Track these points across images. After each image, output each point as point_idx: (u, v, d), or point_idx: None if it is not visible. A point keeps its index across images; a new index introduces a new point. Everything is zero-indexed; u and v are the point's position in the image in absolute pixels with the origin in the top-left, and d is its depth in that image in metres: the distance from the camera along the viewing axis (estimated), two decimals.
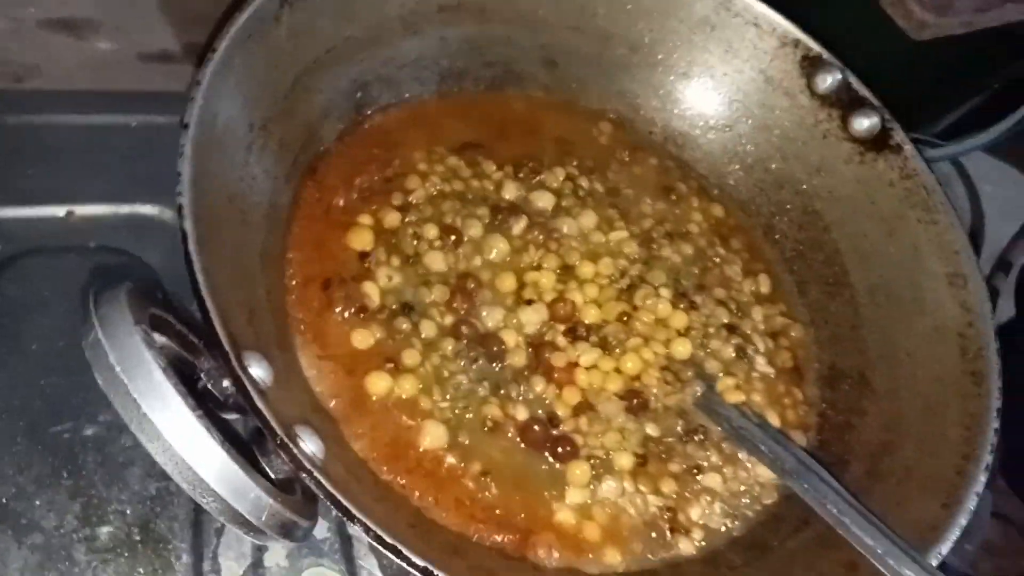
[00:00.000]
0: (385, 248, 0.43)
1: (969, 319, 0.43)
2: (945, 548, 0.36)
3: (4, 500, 0.39)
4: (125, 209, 0.48)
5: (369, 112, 0.47)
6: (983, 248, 0.71)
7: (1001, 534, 0.56)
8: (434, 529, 0.36)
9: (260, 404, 0.28)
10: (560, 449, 0.40)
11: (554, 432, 0.40)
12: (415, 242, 0.44)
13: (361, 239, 0.43)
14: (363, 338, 0.40)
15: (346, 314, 0.40)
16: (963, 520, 0.37)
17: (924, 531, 0.37)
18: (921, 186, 0.46)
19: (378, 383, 0.39)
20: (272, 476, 0.28)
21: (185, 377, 0.26)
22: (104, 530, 0.40)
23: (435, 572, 0.28)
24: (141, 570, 0.39)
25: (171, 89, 0.57)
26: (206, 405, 0.26)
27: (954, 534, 0.36)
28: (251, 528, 0.26)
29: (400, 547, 0.28)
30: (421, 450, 0.38)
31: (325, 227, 0.43)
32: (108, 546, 0.39)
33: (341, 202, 0.44)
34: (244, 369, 0.29)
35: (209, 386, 0.28)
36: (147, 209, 0.48)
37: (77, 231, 0.47)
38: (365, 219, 0.44)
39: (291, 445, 0.28)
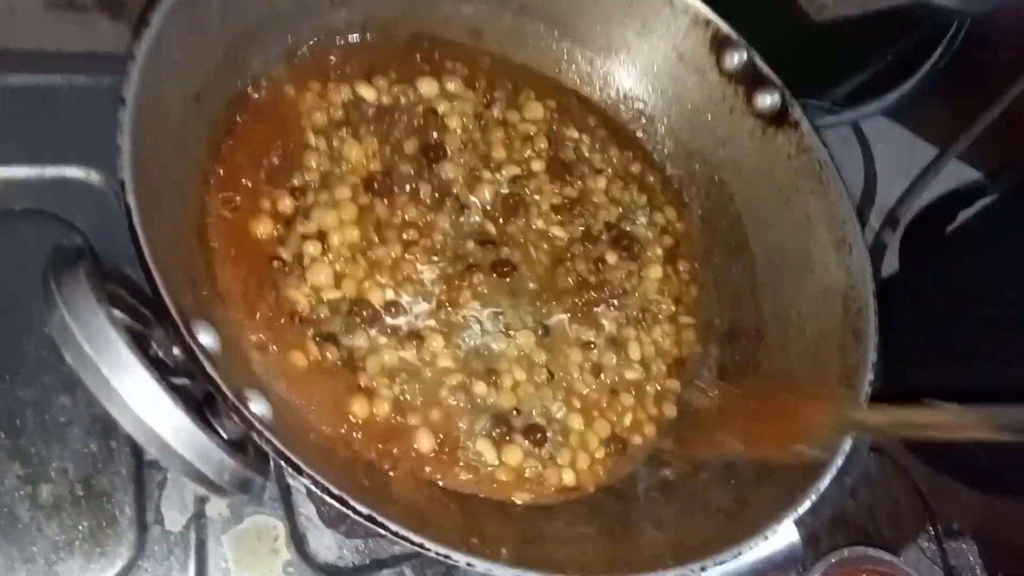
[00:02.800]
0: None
1: (852, 282, 0.47)
2: (824, 484, 0.40)
3: None
4: (51, 172, 0.48)
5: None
6: (875, 205, 0.77)
7: (878, 465, 0.63)
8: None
9: (211, 371, 0.30)
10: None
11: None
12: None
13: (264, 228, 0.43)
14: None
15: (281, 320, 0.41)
16: (840, 460, 0.41)
17: (807, 469, 0.41)
18: (815, 160, 0.50)
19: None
20: (225, 436, 0.30)
21: (141, 348, 0.28)
22: (46, 487, 0.41)
23: (377, 518, 0.31)
24: (85, 523, 0.41)
25: (90, 49, 0.57)
26: (161, 373, 0.28)
27: (832, 472, 0.41)
28: (213, 487, 0.28)
29: (345, 497, 0.31)
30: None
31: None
32: (51, 503, 0.41)
33: (249, 184, 0.44)
34: (194, 337, 0.31)
35: (160, 354, 0.30)
36: (74, 172, 0.48)
37: (1, 194, 0.47)
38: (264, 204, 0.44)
39: (242, 407, 0.30)
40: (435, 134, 0.49)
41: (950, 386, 0.60)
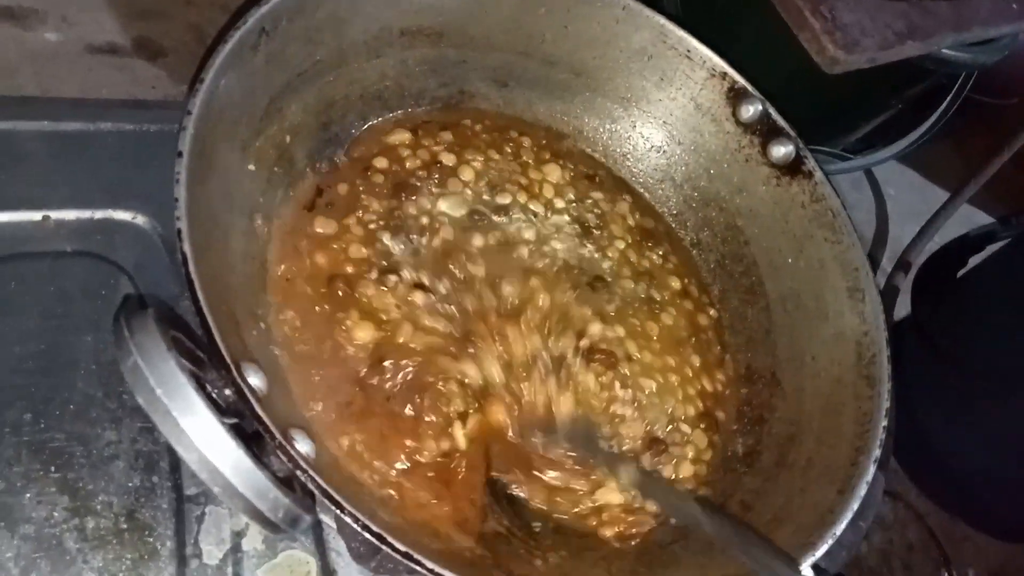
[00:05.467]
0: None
1: (865, 329, 0.49)
2: (839, 529, 0.42)
3: None
4: (99, 214, 0.50)
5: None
6: (887, 247, 0.78)
7: (891, 509, 0.64)
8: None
9: (260, 411, 0.32)
10: None
11: None
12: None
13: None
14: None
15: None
16: (855, 504, 0.42)
17: (823, 514, 0.42)
18: (828, 209, 0.52)
19: None
20: (277, 475, 0.32)
21: (202, 389, 0.30)
22: (92, 520, 0.43)
23: (415, 556, 0.33)
24: (128, 556, 0.42)
25: (129, 92, 0.60)
26: (219, 413, 0.30)
27: (847, 517, 0.42)
28: (268, 523, 0.30)
29: (385, 535, 0.32)
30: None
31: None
32: (97, 535, 0.43)
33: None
34: (244, 380, 0.33)
35: (214, 395, 0.32)
36: (121, 214, 0.51)
37: (53, 236, 0.49)
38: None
39: (288, 447, 0.32)
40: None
41: (959, 429, 0.61)
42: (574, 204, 0.55)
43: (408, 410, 0.43)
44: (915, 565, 0.62)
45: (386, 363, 0.44)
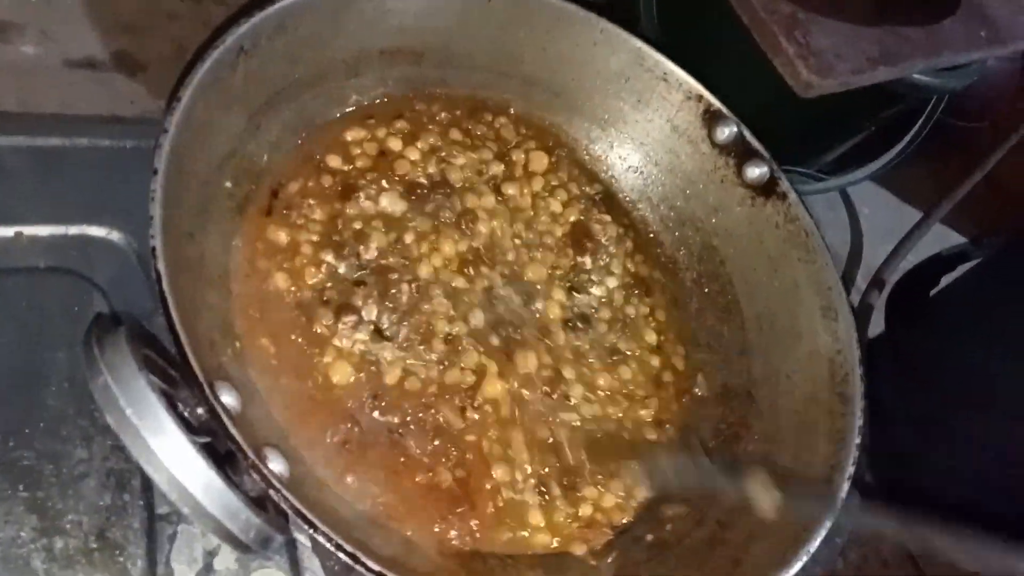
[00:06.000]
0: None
1: (838, 347, 0.50)
2: (814, 546, 0.42)
3: None
4: (74, 230, 0.50)
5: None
6: (861, 266, 0.79)
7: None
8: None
9: (232, 430, 0.32)
10: None
11: None
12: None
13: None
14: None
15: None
16: (829, 521, 0.43)
17: (797, 531, 0.43)
18: (802, 229, 0.53)
19: None
20: (249, 494, 0.32)
21: (173, 408, 0.30)
22: (61, 540, 0.42)
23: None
24: None
25: (109, 107, 0.59)
26: (190, 433, 0.30)
27: (822, 534, 0.42)
28: (239, 544, 0.30)
29: (358, 555, 0.32)
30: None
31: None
32: (66, 555, 0.42)
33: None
34: (217, 399, 0.32)
35: (185, 414, 0.32)
36: (95, 230, 0.50)
37: (26, 251, 0.49)
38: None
39: (261, 466, 0.32)
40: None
41: (932, 446, 0.62)
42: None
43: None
44: None
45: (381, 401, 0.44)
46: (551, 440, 0.47)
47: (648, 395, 0.52)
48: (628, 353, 0.53)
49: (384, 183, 0.50)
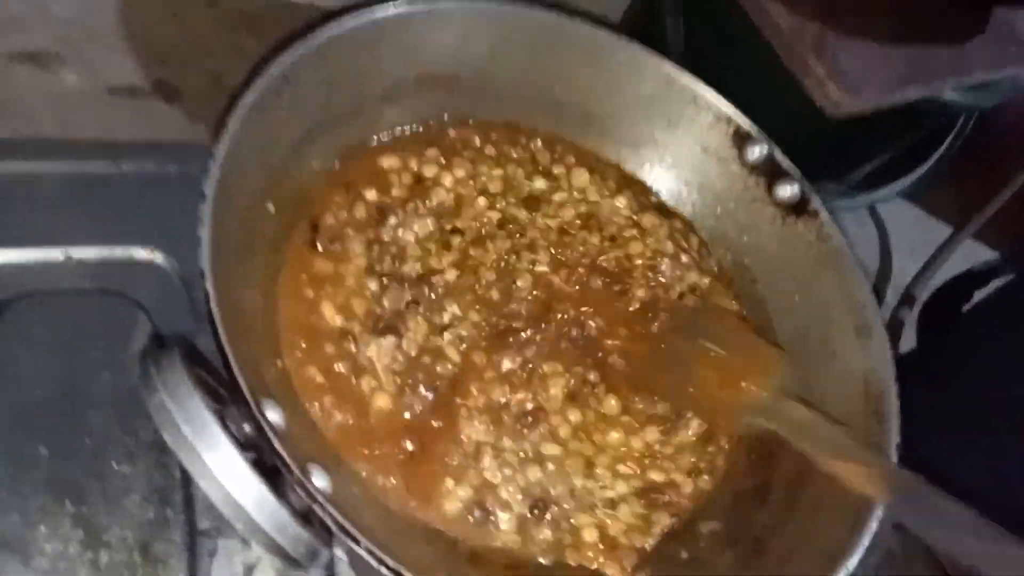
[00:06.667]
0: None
1: (873, 366, 0.49)
2: (852, 565, 0.42)
3: (10, 528, 0.43)
4: (119, 252, 0.52)
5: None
6: (891, 283, 0.79)
7: (900, 543, 0.64)
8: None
9: (279, 447, 0.33)
10: None
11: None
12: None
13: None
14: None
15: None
16: (866, 541, 0.43)
17: (834, 551, 0.43)
18: (834, 248, 0.53)
19: None
20: (297, 509, 0.33)
21: (225, 426, 0.30)
22: (106, 553, 0.43)
23: None
24: None
25: (148, 132, 0.61)
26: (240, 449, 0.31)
27: (859, 554, 0.42)
28: (289, 559, 0.31)
29: (402, 571, 0.33)
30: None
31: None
32: (111, 568, 0.43)
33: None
34: (264, 416, 0.33)
35: (233, 430, 0.33)
36: (140, 253, 0.52)
37: (74, 274, 0.50)
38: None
39: (306, 482, 0.33)
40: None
41: (965, 464, 0.61)
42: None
43: None
44: None
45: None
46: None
47: None
48: None
49: (420, 210, 0.51)
